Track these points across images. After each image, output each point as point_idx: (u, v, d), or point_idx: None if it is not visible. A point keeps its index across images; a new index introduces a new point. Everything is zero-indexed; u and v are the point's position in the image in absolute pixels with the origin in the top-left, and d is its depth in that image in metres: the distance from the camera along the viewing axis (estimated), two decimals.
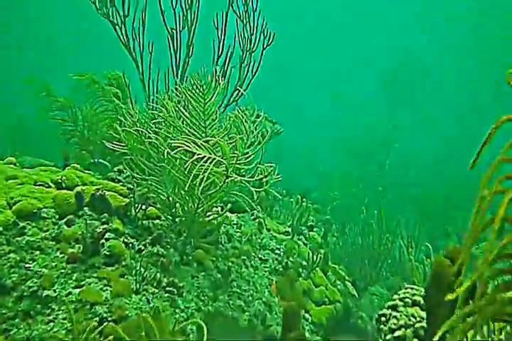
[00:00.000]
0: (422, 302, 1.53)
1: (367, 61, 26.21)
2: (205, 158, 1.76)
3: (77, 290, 2.04)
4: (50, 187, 2.61)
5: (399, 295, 1.60)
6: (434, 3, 25.45)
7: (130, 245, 2.36)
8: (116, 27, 3.20)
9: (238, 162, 1.93)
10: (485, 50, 23.77)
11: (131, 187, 2.64)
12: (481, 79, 21.66)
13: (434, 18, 26.56)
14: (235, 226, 3.22)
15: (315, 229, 5.65)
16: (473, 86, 22.52)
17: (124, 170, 2.98)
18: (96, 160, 3.21)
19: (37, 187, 2.54)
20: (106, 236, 2.28)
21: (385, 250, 4.39)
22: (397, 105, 16.35)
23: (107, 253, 2.19)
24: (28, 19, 23.00)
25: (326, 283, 3.46)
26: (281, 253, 3.34)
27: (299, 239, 3.77)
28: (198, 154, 1.75)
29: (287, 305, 1.33)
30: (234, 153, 1.94)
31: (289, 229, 3.75)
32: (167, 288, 2.27)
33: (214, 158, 1.76)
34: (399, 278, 4.91)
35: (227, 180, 1.96)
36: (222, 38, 3.29)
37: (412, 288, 1.58)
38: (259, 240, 3.30)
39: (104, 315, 1.95)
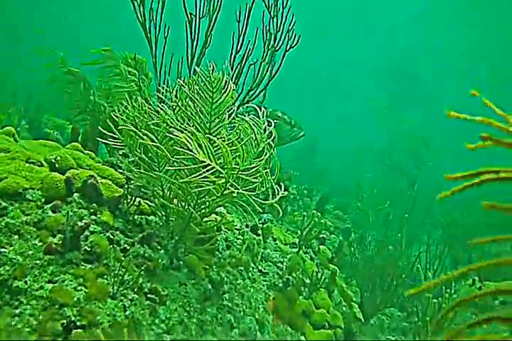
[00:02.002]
0: None
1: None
2: (204, 164, 1.64)
3: (50, 286, 1.96)
4: (42, 166, 2.53)
5: None
6: None
7: (116, 242, 2.26)
8: (135, 2, 3.09)
9: (240, 173, 1.80)
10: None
11: (130, 176, 2.54)
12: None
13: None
14: (237, 232, 3.10)
15: (332, 236, 5.55)
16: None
17: (130, 155, 2.89)
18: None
19: (28, 165, 2.47)
20: (91, 229, 2.19)
21: (403, 271, 4.27)
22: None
23: (88, 249, 2.09)
24: None
25: (329, 306, 3.32)
26: (284, 268, 3.20)
27: (306, 253, 3.63)
28: (202, 161, 1.64)
29: None
30: (236, 165, 1.82)
31: (297, 241, 3.61)
32: (149, 295, 2.17)
33: (213, 167, 1.64)
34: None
35: (224, 192, 1.84)
36: (243, 31, 3.15)
37: None
38: (261, 250, 3.17)
39: (73, 319, 1.86)
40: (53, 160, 2.50)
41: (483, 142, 0.77)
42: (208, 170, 1.84)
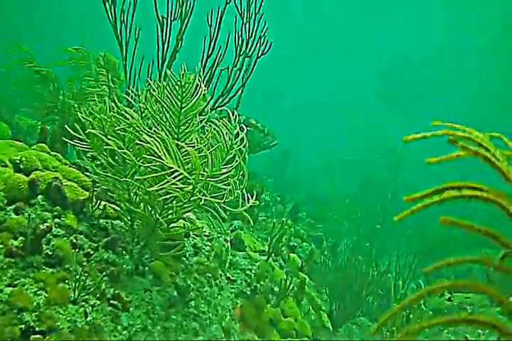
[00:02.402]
0: None
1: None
2: (172, 170, 1.66)
3: (9, 289, 1.94)
4: (6, 166, 2.51)
5: None
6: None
7: (79, 246, 2.25)
8: (106, 3, 3.09)
9: (209, 179, 1.82)
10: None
11: (96, 180, 2.53)
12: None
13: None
14: (205, 238, 3.10)
15: (304, 244, 5.58)
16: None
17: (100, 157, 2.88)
18: None
19: None
20: (54, 232, 2.18)
21: (374, 281, 4.33)
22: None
23: (50, 252, 2.08)
24: None
25: (297, 314, 3.35)
26: (253, 275, 3.22)
27: (275, 261, 3.66)
28: (170, 167, 1.65)
29: None
30: (204, 171, 1.84)
31: (267, 248, 3.63)
32: (111, 301, 2.16)
33: (181, 173, 1.66)
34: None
35: (192, 199, 1.85)
36: (215, 36, 3.19)
37: None
38: (230, 257, 3.19)
39: (32, 324, 1.84)
40: (18, 161, 2.48)
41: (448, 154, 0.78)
42: (175, 177, 1.85)
